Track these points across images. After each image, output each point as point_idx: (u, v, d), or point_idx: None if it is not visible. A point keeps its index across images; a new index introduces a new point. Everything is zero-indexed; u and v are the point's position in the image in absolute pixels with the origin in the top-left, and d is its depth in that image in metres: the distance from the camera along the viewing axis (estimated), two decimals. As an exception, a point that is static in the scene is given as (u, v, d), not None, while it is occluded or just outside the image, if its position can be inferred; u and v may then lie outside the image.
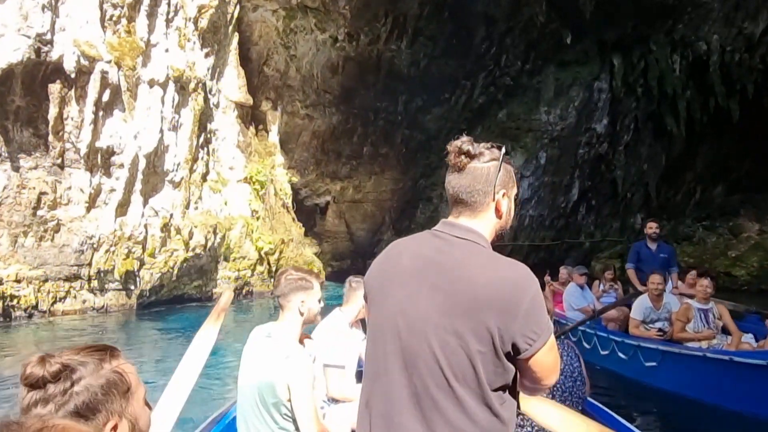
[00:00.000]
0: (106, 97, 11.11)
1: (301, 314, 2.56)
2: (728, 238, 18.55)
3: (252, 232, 14.82)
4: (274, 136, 17.18)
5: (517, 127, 23.74)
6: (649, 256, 7.80)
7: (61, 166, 11.30)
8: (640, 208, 25.88)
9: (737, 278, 16.66)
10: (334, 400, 3.52)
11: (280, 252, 16.02)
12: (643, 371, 6.70)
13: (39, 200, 11.15)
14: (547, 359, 1.43)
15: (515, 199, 1.64)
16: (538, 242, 24.88)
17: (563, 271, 9.30)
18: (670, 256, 8.08)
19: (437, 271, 1.47)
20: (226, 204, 14.29)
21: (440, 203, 23.71)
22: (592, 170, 24.89)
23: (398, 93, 20.49)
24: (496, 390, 1.41)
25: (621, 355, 7.12)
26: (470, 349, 1.37)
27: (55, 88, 10.66)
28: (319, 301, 2.66)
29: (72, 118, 11.00)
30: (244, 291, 15.26)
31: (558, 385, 2.61)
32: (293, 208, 17.92)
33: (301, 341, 2.69)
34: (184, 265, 13.39)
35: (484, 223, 1.58)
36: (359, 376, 2.52)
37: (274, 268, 16.04)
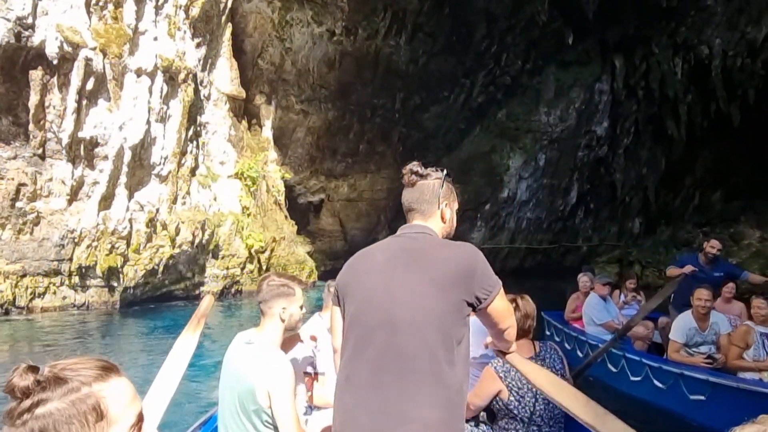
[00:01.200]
0: (90, 85, 10.64)
1: (283, 321, 2.55)
2: (729, 244, 18.13)
3: (242, 229, 14.36)
4: (267, 131, 16.72)
5: (516, 128, 23.43)
6: (703, 279, 6.43)
7: (42, 157, 10.83)
8: (639, 213, 25.65)
9: (737, 286, 16.24)
10: (316, 407, 3.48)
11: (272, 250, 15.57)
12: (688, 405, 5.60)
13: (18, 191, 10.68)
14: (502, 305, 1.84)
15: (456, 212, 2.06)
16: (536, 245, 24.58)
17: (583, 279, 8.02)
18: (730, 272, 6.98)
19: (407, 257, 1.80)
20: (215, 200, 13.83)
21: (436, 203, 23.27)
22: (591, 173, 24.65)
23: (396, 90, 20.10)
24: (459, 344, 1.69)
25: (658, 383, 5.99)
26: (443, 311, 1.67)
27: (36, 75, 10.19)
28: (301, 307, 2.66)
29: (54, 107, 10.53)
30: (233, 290, 14.81)
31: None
32: (286, 205, 17.47)
33: (292, 343, 2.79)
34: (171, 261, 12.93)
35: (432, 226, 1.94)
36: None
37: (264, 267, 15.58)
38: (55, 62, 10.12)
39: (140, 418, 1.05)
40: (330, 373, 3.41)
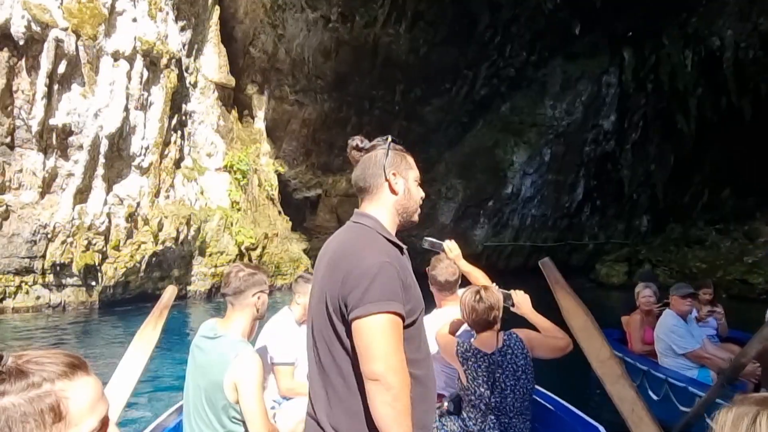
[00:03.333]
0: (62, 69, 9.87)
1: (257, 309, 2.54)
2: (744, 242, 17.37)
3: (231, 225, 13.58)
4: (259, 123, 15.94)
5: (520, 122, 22.78)
6: None
7: (11, 146, 10.07)
8: (647, 210, 24.92)
9: (754, 286, 15.46)
10: (286, 398, 3.45)
11: (263, 247, 14.79)
12: None
13: (-15, 184, 9.94)
14: (367, 339, 1.48)
15: (417, 182, 1.78)
16: (540, 243, 23.87)
17: (645, 293, 5.62)
18: None
19: (328, 256, 1.68)
20: (202, 194, 13.06)
21: (438, 200, 22.62)
22: (597, 169, 24.09)
23: (395, 81, 19.32)
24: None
25: None
26: (332, 318, 1.58)
27: (2, 57, 9.43)
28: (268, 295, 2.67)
29: (23, 92, 9.77)
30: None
31: (509, 374, 2.57)
32: (280, 200, 16.68)
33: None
34: (153, 259, 12.16)
35: (382, 204, 1.72)
36: None
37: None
38: (21, 43, 9.34)
39: (104, 423, 0.97)
40: (299, 363, 3.41)
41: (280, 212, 16.35)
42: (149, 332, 2.60)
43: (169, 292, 2.82)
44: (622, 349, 5.68)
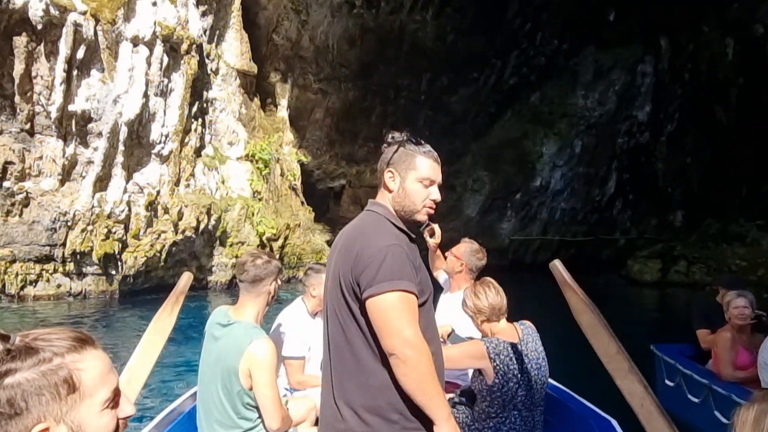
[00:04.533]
0: (80, 54, 9.72)
1: (271, 296, 2.58)
2: (786, 240, 16.49)
3: (252, 215, 13.36)
4: (282, 111, 15.68)
5: (550, 112, 22.13)
6: None
7: (31, 133, 9.97)
8: (682, 204, 24.02)
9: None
10: (295, 389, 3.51)
11: (285, 238, 14.55)
12: None
13: (5, 170, 9.88)
14: (381, 316, 1.57)
15: (424, 183, 1.78)
16: (569, 238, 23.22)
17: (738, 303, 4.34)
18: None
19: (341, 242, 1.76)
20: (223, 183, 12.85)
21: (464, 192, 22.14)
22: (630, 161, 23.34)
23: (422, 70, 18.89)
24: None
25: None
26: (347, 299, 1.65)
27: (20, 42, 9.31)
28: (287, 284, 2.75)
29: (42, 77, 9.64)
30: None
31: (533, 364, 2.53)
32: (303, 191, 16.42)
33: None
34: (174, 248, 12.01)
35: (384, 197, 1.81)
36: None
37: (277, 256, 14.57)
38: (39, 27, 9.19)
39: (116, 393, 0.99)
40: (313, 357, 3.42)
41: (302, 203, 16.09)
42: (165, 318, 2.59)
43: (185, 279, 2.76)
44: (705, 373, 4.66)
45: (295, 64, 15.91)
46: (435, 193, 1.80)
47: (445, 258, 3.46)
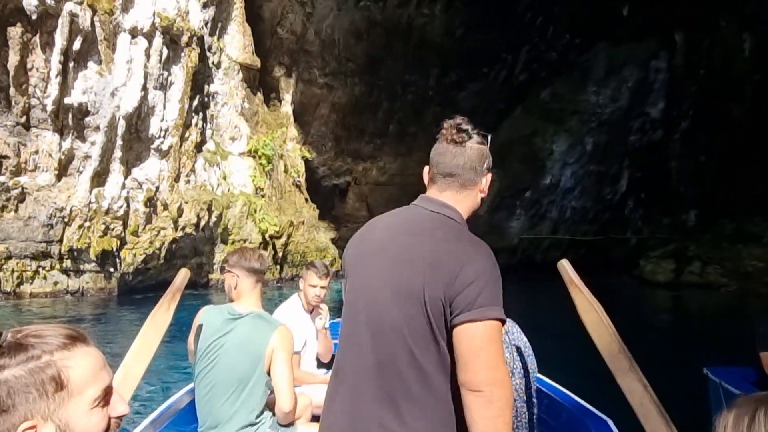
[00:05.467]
0: (77, 45, 9.48)
1: (262, 291, 2.66)
2: (806, 241, 15.98)
3: (255, 212, 13.08)
4: (287, 106, 15.38)
5: (561, 109, 21.73)
6: None
7: (26, 126, 9.74)
8: (695, 203, 23.51)
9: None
10: None
11: (288, 235, 14.26)
12: None
13: (0, 165, 9.61)
14: (475, 345, 1.37)
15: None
16: (580, 237, 22.80)
17: None
18: None
19: (404, 243, 1.50)
20: (224, 179, 12.58)
21: (472, 190, 21.77)
22: (643, 159, 22.88)
23: (430, 65, 18.58)
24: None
25: None
26: (430, 319, 1.41)
27: (15, 32, 9.07)
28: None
29: (37, 69, 9.40)
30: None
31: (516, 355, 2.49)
32: (307, 188, 16.12)
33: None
34: (173, 246, 11.75)
35: (467, 199, 1.60)
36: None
37: (281, 254, 14.31)
38: (35, 17, 8.94)
39: (108, 392, 0.98)
40: (303, 352, 3.41)
41: (306, 200, 15.79)
42: (161, 315, 2.53)
43: (182, 275, 2.70)
44: None
45: (300, 58, 15.61)
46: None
47: None
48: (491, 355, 1.36)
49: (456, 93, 19.87)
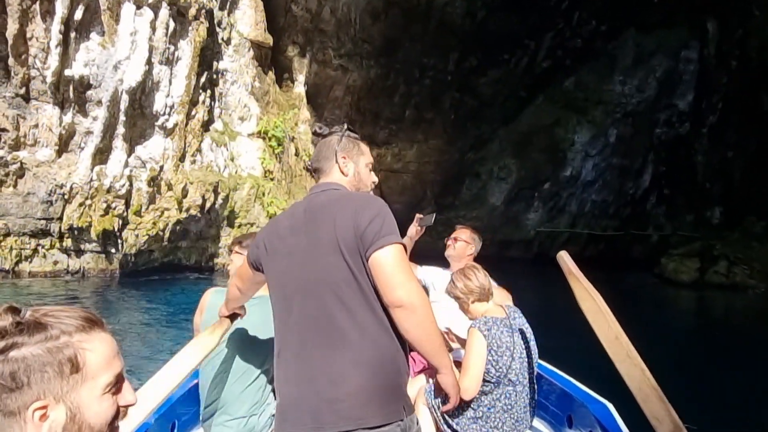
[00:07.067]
0: (78, 15, 9.04)
1: None
2: (840, 242, 15.19)
3: (263, 195, 12.64)
4: (299, 87, 14.87)
5: (585, 98, 21.06)
6: None
7: (26, 98, 9.36)
8: (720, 200, 22.66)
9: None
10: None
11: (298, 221, 13.81)
12: None
13: (-2, 138, 9.26)
14: (389, 268, 1.54)
15: (368, 166, 1.89)
16: (599, 232, 22.12)
17: None
18: None
19: (308, 217, 1.69)
20: (232, 160, 12.14)
21: (489, 180, 21.21)
22: (668, 153, 22.19)
23: (449, 49, 18.05)
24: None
25: None
26: (347, 261, 1.57)
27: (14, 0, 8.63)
28: None
29: (37, 38, 8.99)
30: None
31: (523, 338, 2.61)
32: (319, 172, 15.65)
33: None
34: (178, 227, 11.36)
35: (338, 181, 1.83)
36: None
37: (289, 239, 13.88)
38: (34, -17, 8.51)
39: (119, 379, 0.98)
40: None
41: (318, 184, 15.34)
42: (205, 336, 2.38)
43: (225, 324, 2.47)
44: None
45: (314, 38, 15.07)
46: (374, 177, 1.91)
47: (446, 246, 3.42)
48: (402, 272, 1.53)
49: (475, 79, 19.26)
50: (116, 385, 0.96)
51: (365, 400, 1.53)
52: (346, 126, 1.88)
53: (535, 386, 2.68)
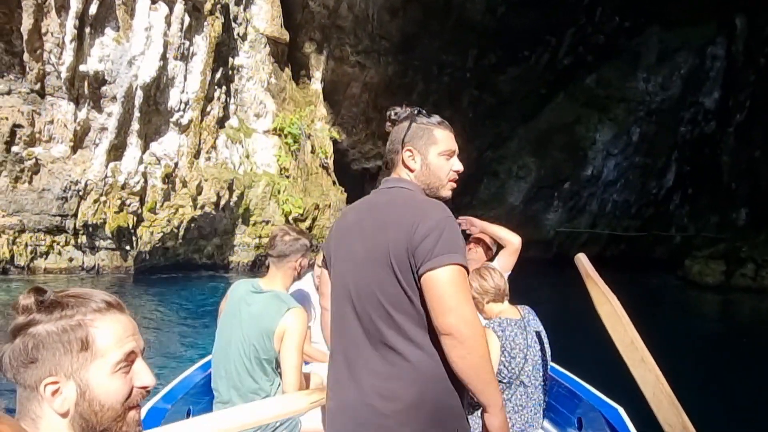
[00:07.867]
0: (93, 9, 8.99)
1: (297, 273, 2.65)
2: None
3: (278, 192, 12.52)
4: (316, 84, 14.73)
5: (607, 96, 20.60)
6: None
7: (41, 94, 9.34)
8: (746, 201, 22.08)
9: None
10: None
11: (313, 219, 13.66)
12: None
13: (13, 134, 9.28)
14: (438, 291, 1.47)
15: (446, 156, 1.72)
16: (620, 232, 21.66)
17: None
18: None
19: (368, 219, 1.64)
20: (247, 157, 12.04)
21: (508, 179, 20.87)
22: (693, 153, 21.68)
23: (468, 45, 17.79)
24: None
25: None
26: (398, 276, 1.51)
27: (29, -6, 8.59)
28: (309, 259, 2.77)
29: (52, 34, 8.95)
30: (267, 262, 13.07)
31: (537, 339, 2.60)
32: (336, 171, 15.49)
33: None
34: (192, 225, 11.29)
35: (406, 177, 1.71)
36: None
37: (305, 238, 13.74)
38: (49, -22, 8.46)
39: (131, 358, 1.00)
40: (314, 327, 3.44)
41: (334, 182, 15.17)
42: (298, 398, 2.27)
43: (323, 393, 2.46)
44: None
45: (331, 34, 14.91)
46: (457, 164, 1.73)
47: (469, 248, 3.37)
48: (454, 298, 1.44)
49: (495, 76, 18.97)
50: (127, 365, 0.97)
51: (411, 419, 1.51)
52: (416, 111, 1.71)
53: (547, 388, 2.71)
